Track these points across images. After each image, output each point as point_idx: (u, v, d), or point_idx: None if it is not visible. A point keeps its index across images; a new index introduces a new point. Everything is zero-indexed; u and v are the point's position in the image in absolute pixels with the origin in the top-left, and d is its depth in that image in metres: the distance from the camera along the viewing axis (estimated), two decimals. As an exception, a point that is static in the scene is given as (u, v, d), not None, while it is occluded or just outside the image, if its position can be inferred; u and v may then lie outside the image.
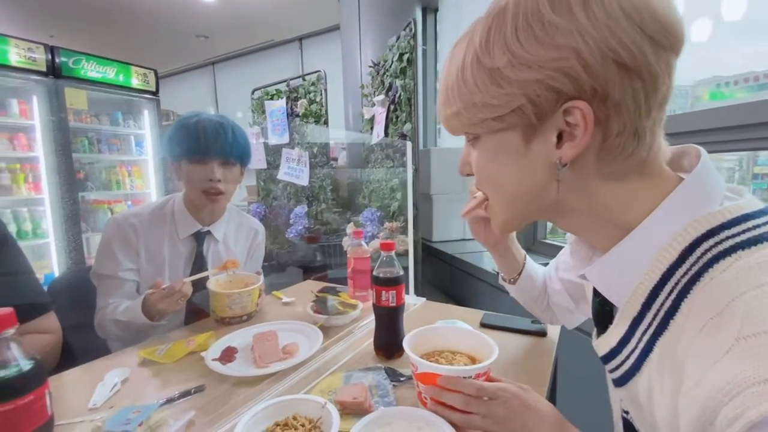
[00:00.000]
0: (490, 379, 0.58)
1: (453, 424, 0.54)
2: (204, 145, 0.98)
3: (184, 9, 3.89)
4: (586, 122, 0.35)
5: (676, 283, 0.36)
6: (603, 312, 0.47)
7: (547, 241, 1.90)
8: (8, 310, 0.43)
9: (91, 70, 2.88)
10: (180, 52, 5.16)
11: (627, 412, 0.47)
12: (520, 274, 0.76)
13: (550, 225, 2.00)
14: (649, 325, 0.38)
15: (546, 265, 0.79)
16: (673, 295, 0.36)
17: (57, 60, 2.68)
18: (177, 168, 1.03)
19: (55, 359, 0.87)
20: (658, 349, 0.37)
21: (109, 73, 2.99)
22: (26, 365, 0.43)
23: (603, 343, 0.44)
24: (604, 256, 0.41)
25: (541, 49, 0.35)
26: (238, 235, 1.17)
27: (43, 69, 2.61)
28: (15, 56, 2.47)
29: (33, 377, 0.43)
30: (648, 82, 0.35)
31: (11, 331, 0.42)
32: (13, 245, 0.84)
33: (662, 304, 0.36)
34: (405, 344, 0.62)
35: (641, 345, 0.39)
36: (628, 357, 0.41)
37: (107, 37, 4.55)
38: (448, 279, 1.98)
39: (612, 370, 0.44)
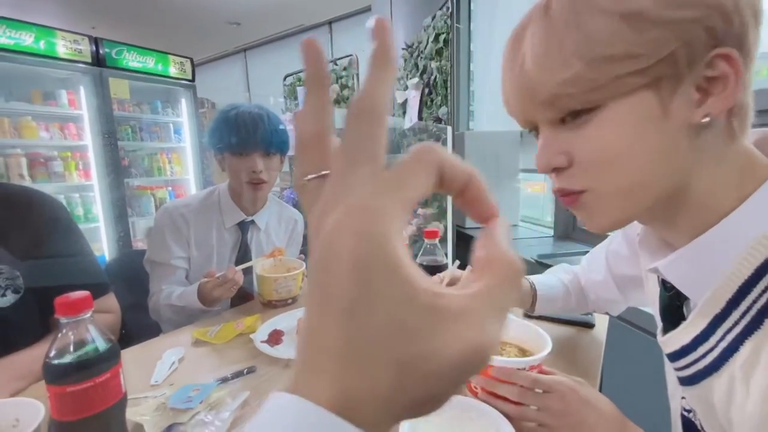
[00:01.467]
0: (543, 372, 0.57)
1: (506, 416, 0.53)
2: (245, 139, 1.01)
3: (217, -4, 3.93)
4: (737, 71, 0.31)
5: None
6: (673, 307, 0.44)
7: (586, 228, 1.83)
8: (85, 293, 0.45)
9: (132, 60, 2.98)
10: (212, 39, 5.24)
11: (689, 411, 0.45)
12: (533, 302, 0.75)
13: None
14: (736, 323, 0.35)
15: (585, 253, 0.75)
16: None
17: (101, 51, 2.79)
18: (221, 160, 1.07)
19: (116, 338, 0.93)
20: (747, 349, 0.34)
21: (149, 62, 3.08)
22: (103, 345, 0.45)
23: (673, 340, 0.41)
24: (684, 247, 0.38)
25: None
26: (279, 224, 1.21)
27: (89, 60, 2.72)
28: (62, 48, 2.59)
29: (110, 356, 0.46)
30: (758, 37, 0.32)
31: (89, 312, 0.45)
32: (76, 230, 0.90)
33: (755, 301, 0.33)
34: None
35: (723, 344, 0.36)
36: (704, 356, 0.38)
37: (143, 28, 4.68)
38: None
39: (680, 369, 0.41)
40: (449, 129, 1.25)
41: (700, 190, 0.36)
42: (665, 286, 0.45)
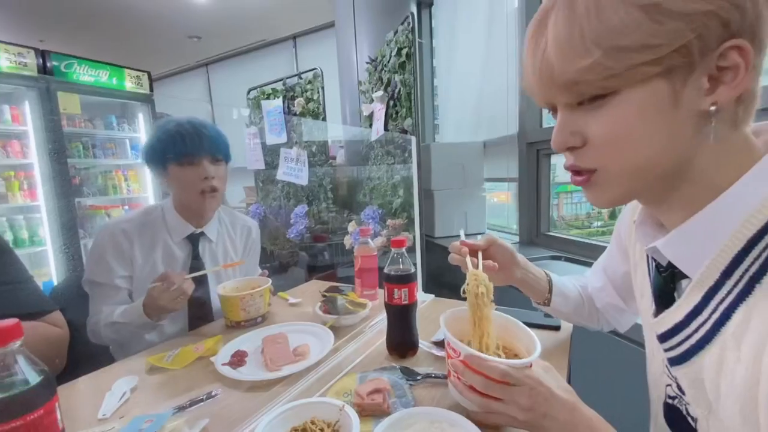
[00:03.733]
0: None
1: (478, 424, 0.52)
2: (191, 146, 0.97)
3: (176, 10, 3.85)
4: (747, 62, 0.33)
5: (765, 248, 0.34)
6: (666, 289, 0.46)
7: (550, 233, 1.89)
8: (13, 321, 0.40)
9: (84, 73, 2.84)
10: (173, 53, 5.10)
11: (673, 398, 0.46)
12: (550, 292, 0.75)
13: (553, 217, 2.00)
14: (729, 292, 0.37)
15: (553, 259, 0.77)
16: (761, 260, 0.34)
17: (48, 64, 2.64)
18: (164, 174, 1.01)
19: (64, 358, 0.86)
20: (739, 316, 0.35)
21: (102, 76, 2.95)
22: (35, 378, 0.41)
23: (667, 319, 0.43)
24: (683, 224, 0.40)
25: None
26: (233, 234, 1.16)
27: (35, 74, 2.57)
28: (5, 61, 2.44)
29: (42, 390, 0.41)
30: None
31: (17, 343, 0.40)
32: (10, 254, 0.82)
33: (747, 270, 0.35)
34: (442, 321, 0.60)
35: (716, 315, 0.37)
36: (697, 330, 0.39)
37: (99, 41, 4.49)
38: (452, 275, 1.96)
39: (671, 348, 0.43)
40: (413, 140, 1.26)
41: (701, 171, 0.38)
42: (659, 270, 0.46)
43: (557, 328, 0.87)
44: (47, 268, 2.69)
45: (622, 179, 0.40)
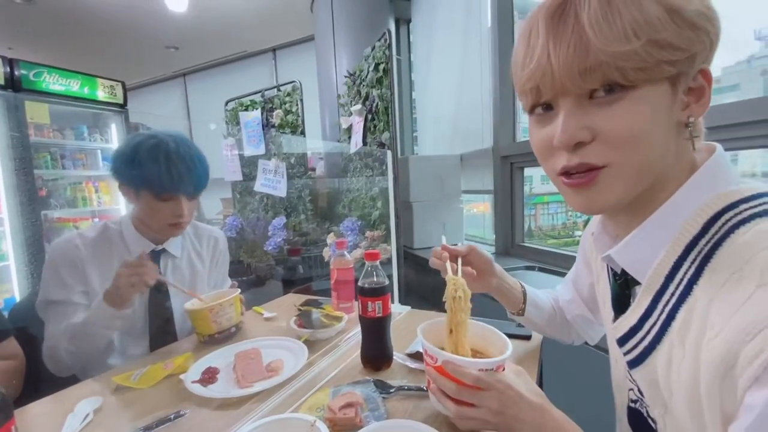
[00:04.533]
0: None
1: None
2: (175, 184, 0.90)
3: (153, 20, 3.81)
4: (709, 83, 0.38)
5: (699, 252, 0.38)
6: (622, 295, 0.48)
7: (525, 244, 1.94)
8: (-34, 342, 0.39)
9: (54, 83, 2.76)
10: (149, 63, 5.02)
11: (635, 401, 0.48)
12: (524, 303, 0.77)
13: (526, 227, 2.05)
14: (672, 294, 0.39)
15: (527, 269, 0.80)
16: (697, 263, 0.37)
17: (16, 72, 2.55)
18: (133, 193, 0.93)
19: (18, 387, 0.81)
20: (681, 315, 0.38)
21: (73, 85, 2.87)
22: (-12, 401, 0.39)
23: (622, 324, 0.45)
24: (632, 233, 0.42)
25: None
26: (198, 247, 1.11)
27: (1, 82, 2.48)
28: (-31, 69, 2.34)
29: (-4, 414, 0.40)
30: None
31: (-30, 364, 0.39)
32: None
33: (686, 273, 0.38)
34: (419, 332, 0.61)
35: (663, 317, 0.40)
36: (648, 332, 0.42)
37: (72, 50, 4.38)
38: (430, 286, 1.98)
39: (628, 351, 0.45)
40: (389, 153, 1.28)
41: (663, 181, 0.41)
42: (615, 277, 0.49)
43: (528, 337, 0.89)
44: (9, 284, 2.55)
45: (632, 177, 0.39)
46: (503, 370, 0.56)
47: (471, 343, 0.63)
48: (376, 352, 0.80)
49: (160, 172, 0.88)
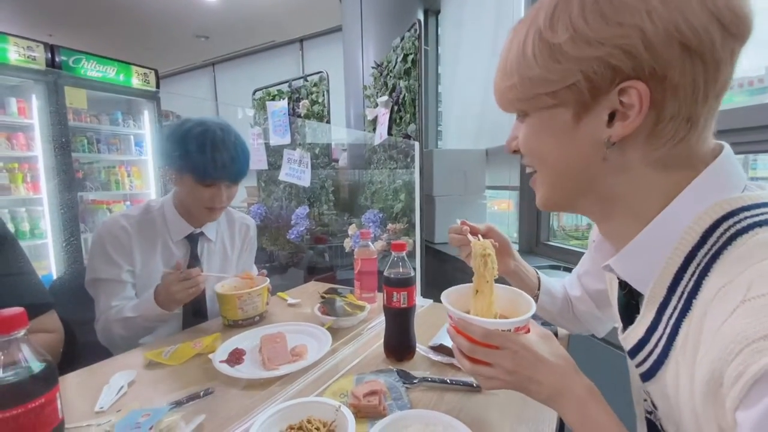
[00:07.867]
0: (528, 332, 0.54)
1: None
2: (218, 172, 0.94)
3: (185, 9, 3.88)
4: (642, 103, 0.35)
5: (698, 264, 0.36)
6: (629, 305, 0.46)
7: (549, 243, 1.89)
8: (18, 309, 0.41)
9: (91, 69, 2.86)
10: (180, 52, 5.14)
11: (651, 412, 0.46)
12: (539, 290, 0.76)
13: (554, 227, 2.00)
14: (675, 308, 0.37)
15: (552, 268, 0.78)
16: (696, 276, 0.36)
17: (57, 59, 2.66)
18: (178, 178, 0.98)
19: (56, 359, 0.85)
20: (683, 331, 0.36)
21: (110, 72, 2.96)
22: (37, 367, 0.41)
23: (631, 336, 0.43)
24: (627, 245, 0.41)
25: (604, 26, 0.34)
26: (230, 232, 1.15)
27: (43, 67, 2.58)
28: (14, 54, 2.45)
29: (45, 379, 0.42)
30: (710, 68, 0.34)
31: (22, 331, 0.41)
32: (13, 244, 0.83)
33: (686, 286, 0.36)
34: (443, 297, 0.60)
35: (668, 330, 0.38)
36: (656, 345, 0.40)
37: (107, 37, 4.53)
38: (449, 280, 1.97)
39: (640, 364, 0.43)
40: (417, 145, 1.27)
41: (629, 198, 0.41)
42: (621, 285, 0.47)
43: (554, 334, 0.87)
44: (47, 261, 2.69)
45: (552, 183, 0.45)
46: (527, 332, 0.53)
47: (501, 307, 0.60)
48: (399, 342, 0.80)
49: (205, 158, 0.91)
